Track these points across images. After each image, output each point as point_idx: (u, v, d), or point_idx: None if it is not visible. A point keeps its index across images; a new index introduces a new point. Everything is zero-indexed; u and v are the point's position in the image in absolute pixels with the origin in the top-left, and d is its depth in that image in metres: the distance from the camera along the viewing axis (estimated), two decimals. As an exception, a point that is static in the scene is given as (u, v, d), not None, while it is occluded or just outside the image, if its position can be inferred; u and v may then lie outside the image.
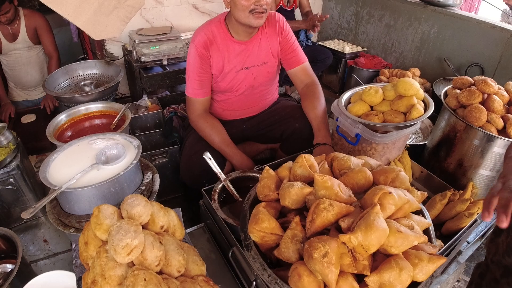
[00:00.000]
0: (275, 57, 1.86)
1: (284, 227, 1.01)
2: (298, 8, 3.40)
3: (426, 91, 2.86)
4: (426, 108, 1.58)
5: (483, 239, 1.52)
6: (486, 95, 1.67)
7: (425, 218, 1.07)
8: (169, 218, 1.16)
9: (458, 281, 1.78)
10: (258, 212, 1.00)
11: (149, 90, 2.90)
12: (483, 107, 1.60)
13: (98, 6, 2.00)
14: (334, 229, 0.91)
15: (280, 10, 3.19)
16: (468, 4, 5.68)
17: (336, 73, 3.60)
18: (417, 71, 2.98)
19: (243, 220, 1.07)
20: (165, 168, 2.14)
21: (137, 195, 1.10)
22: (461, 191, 1.64)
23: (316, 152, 1.63)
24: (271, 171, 1.14)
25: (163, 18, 3.33)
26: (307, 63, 1.90)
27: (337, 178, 1.12)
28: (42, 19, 2.81)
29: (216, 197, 1.45)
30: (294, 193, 1.00)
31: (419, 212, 1.07)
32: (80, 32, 3.47)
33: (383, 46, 3.47)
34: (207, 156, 1.47)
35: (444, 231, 1.60)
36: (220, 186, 1.50)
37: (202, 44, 1.70)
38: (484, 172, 1.69)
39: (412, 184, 1.86)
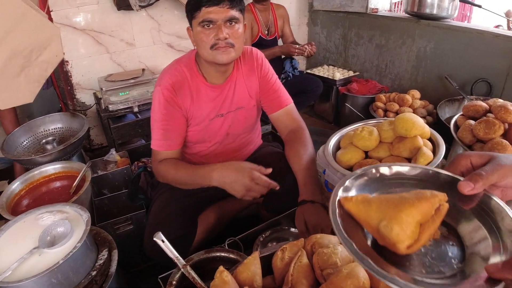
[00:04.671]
0: (253, 99, 1.58)
1: None
2: (280, 39, 3.15)
3: (429, 114, 2.54)
4: (434, 149, 1.26)
5: None
6: (507, 125, 1.34)
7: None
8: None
9: None
10: None
11: (119, 142, 2.60)
12: (507, 142, 1.27)
13: (1, 68, 1.69)
14: None
15: (260, 41, 2.92)
16: (460, 14, 5.44)
17: (328, 101, 3.30)
18: (417, 93, 2.67)
19: None
20: (132, 237, 1.80)
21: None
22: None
23: (298, 212, 1.30)
24: (225, 274, 0.79)
25: (136, 60, 3.09)
26: (291, 106, 1.60)
27: (319, 281, 0.78)
28: None
29: (172, 293, 1.11)
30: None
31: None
32: (51, 78, 3.20)
33: (377, 68, 3.18)
34: (159, 239, 1.14)
35: None
36: (178, 275, 1.16)
37: (169, 87, 1.42)
38: None
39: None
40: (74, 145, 2.09)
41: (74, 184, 1.70)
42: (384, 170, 0.71)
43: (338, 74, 3.19)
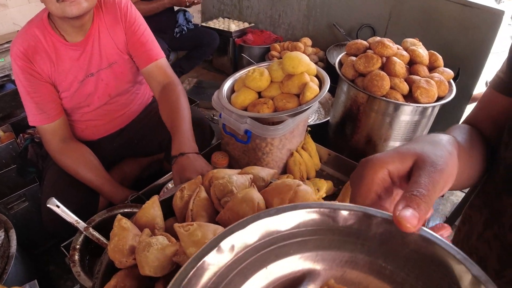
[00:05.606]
0: (124, 53, 1.43)
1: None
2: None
3: (320, 60, 2.69)
4: (321, 84, 1.34)
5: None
6: (385, 59, 1.47)
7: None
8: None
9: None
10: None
11: (0, 115, 2.31)
12: (384, 73, 1.40)
13: None
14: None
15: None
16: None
17: (226, 54, 3.29)
18: (309, 41, 2.79)
19: (90, 311, 0.70)
20: (29, 214, 1.65)
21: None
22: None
23: (174, 173, 1.15)
24: (124, 221, 0.77)
25: (9, 22, 2.73)
26: (163, 60, 1.47)
27: (218, 211, 0.81)
28: None
29: (76, 257, 1.06)
30: (154, 258, 0.66)
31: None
32: None
33: (270, 19, 3.22)
34: (53, 204, 1.06)
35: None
36: (81, 238, 1.11)
37: (21, 56, 1.25)
38: (396, 143, 1.51)
39: (322, 170, 1.65)
40: None
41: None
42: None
43: (234, 26, 3.17)
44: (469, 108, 2.55)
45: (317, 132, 1.61)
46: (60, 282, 1.64)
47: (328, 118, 1.88)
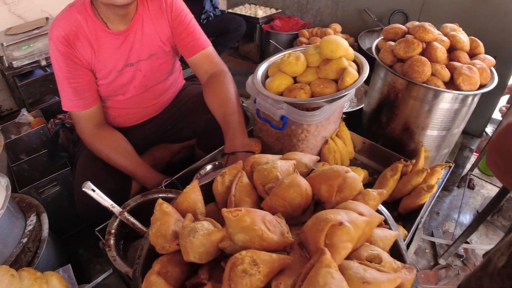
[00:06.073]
0: (166, 44, 1.42)
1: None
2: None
3: (351, 47, 2.61)
4: (359, 69, 1.29)
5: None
6: (424, 44, 1.40)
7: (389, 225, 0.78)
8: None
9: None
10: (149, 287, 0.63)
11: (30, 101, 2.34)
12: (425, 58, 1.33)
13: None
14: (267, 296, 0.57)
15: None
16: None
17: (253, 41, 3.24)
18: (338, 27, 2.71)
19: (133, 295, 0.69)
20: (61, 199, 1.67)
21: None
22: (413, 160, 1.39)
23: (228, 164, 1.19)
24: (165, 206, 0.76)
25: (37, 9, 2.74)
26: (210, 48, 1.46)
27: (262, 198, 0.78)
28: None
29: (112, 241, 1.06)
30: (200, 244, 0.64)
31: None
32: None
33: (298, 4, 3.13)
34: (89, 188, 1.05)
35: (402, 210, 1.35)
36: (116, 223, 1.10)
37: (62, 40, 1.22)
38: (433, 132, 1.45)
39: (355, 159, 1.60)
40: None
41: (-14, 153, 1.49)
42: None
43: (261, 12, 3.12)
44: (503, 100, 2.44)
45: (349, 120, 1.56)
46: (89, 266, 1.66)
47: (361, 106, 1.82)
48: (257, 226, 0.60)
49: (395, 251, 0.73)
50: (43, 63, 2.33)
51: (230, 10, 3.29)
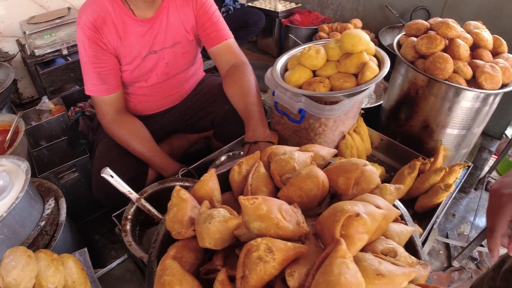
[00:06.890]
0: (190, 34, 1.44)
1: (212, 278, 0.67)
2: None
3: (371, 43, 2.58)
4: (380, 65, 1.27)
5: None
6: (447, 41, 1.37)
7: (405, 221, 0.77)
8: (66, 273, 0.90)
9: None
10: (164, 270, 0.64)
11: (51, 89, 2.39)
12: (448, 55, 1.30)
13: None
14: (280, 284, 0.57)
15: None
16: None
17: (271, 35, 3.22)
18: (359, 22, 2.68)
19: (149, 280, 0.70)
20: (78, 185, 1.70)
21: (16, 250, 0.86)
22: (431, 159, 1.37)
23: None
24: (183, 192, 0.77)
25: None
26: (232, 40, 1.48)
27: (278, 188, 0.78)
28: None
29: (128, 227, 1.07)
30: (216, 230, 0.64)
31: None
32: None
33: (318, -1, 3.13)
34: (107, 174, 1.07)
35: (418, 208, 1.34)
36: (133, 209, 1.12)
37: (90, 26, 1.25)
38: (453, 131, 1.42)
39: (372, 155, 1.59)
40: (2, 96, 1.91)
41: (8, 137, 1.54)
42: None
43: (280, 6, 3.10)
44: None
45: (367, 117, 1.54)
46: (104, 252, 1.68)
47: (379, 102, 1.80)
48: (273, 215, 0.61)
49: (410, 247, 0.72)
50: (65, 52, 2.37)
51: (249, 4, 3.28)
